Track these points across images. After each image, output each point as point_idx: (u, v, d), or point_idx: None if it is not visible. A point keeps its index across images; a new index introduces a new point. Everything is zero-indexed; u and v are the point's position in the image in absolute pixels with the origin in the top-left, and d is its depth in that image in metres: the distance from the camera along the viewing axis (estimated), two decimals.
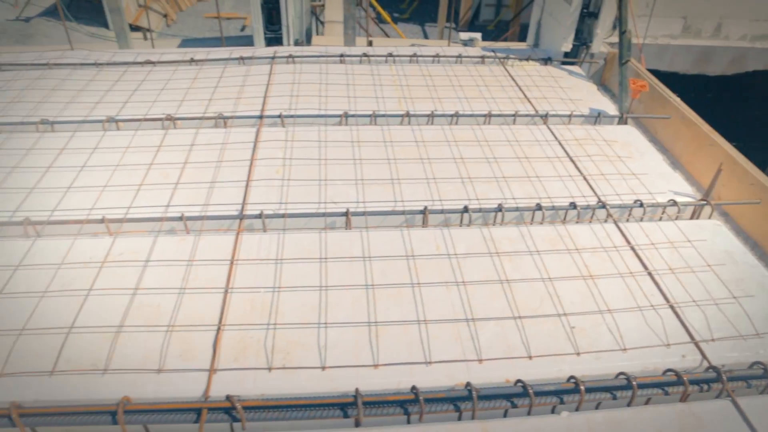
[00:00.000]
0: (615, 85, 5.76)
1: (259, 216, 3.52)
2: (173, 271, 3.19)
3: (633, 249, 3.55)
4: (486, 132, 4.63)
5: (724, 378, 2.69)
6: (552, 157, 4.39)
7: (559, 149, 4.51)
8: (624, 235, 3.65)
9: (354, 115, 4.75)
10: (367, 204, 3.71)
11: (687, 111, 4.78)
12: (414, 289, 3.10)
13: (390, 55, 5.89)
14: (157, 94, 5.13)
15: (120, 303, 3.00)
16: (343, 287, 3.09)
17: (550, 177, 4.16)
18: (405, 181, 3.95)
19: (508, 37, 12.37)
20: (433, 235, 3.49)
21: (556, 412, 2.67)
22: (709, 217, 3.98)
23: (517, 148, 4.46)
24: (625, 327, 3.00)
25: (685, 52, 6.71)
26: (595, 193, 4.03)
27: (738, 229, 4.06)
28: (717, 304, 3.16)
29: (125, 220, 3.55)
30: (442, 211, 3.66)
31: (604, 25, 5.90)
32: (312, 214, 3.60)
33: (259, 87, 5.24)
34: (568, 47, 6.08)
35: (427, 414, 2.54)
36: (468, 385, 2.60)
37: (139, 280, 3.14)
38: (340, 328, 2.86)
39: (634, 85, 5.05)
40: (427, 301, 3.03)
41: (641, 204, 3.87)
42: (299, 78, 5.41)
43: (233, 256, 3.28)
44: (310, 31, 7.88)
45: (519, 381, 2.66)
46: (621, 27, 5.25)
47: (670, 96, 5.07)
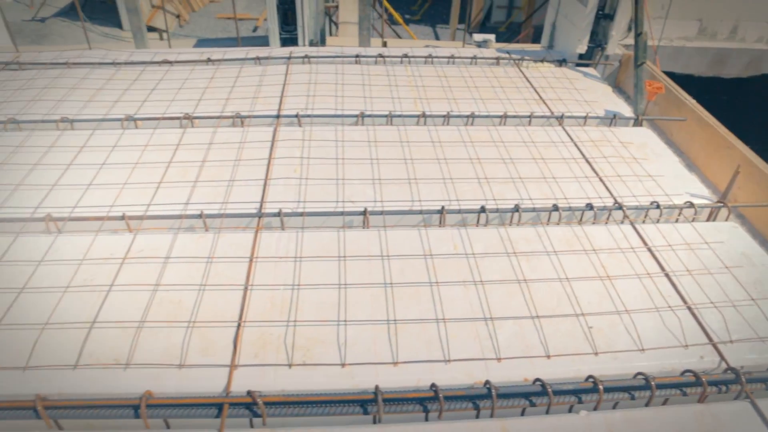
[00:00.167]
0: (630, 87, 5.75)
1: (277, 214, 3.55)
2: (193, 268, 3.22)
3: (650, 250, 3.55)
4: (502, 133, 4.65)
5: (743, 379, 2.69)
6: (568, 159, 4.40)
7: (575, 150, 4.52)
8: (641, 237, 3.65)
9: (370, 115, 4.78)
10: (384, 203, 3.73)
11: (703, 113, 4.77)
12: (432, 288, 3.12)
13: (405, 56, 5.92)
14: (174, 94, 5.18)
15: (141, 299, 3.04)
16: (361, 285, 3.11)
17: (566, 178, 4.17)
18: (422, 181, 3.97)
19: (520, 40, 12.37)
20: (451, 234, 3.51)
21: (574, 411, 2.68)
22: (725, 219, 3.97)
23: (533, 149, 4.47)
24: (642, 327, 3.00)
25: (701, 55, 6.69)
26: (612, 194, 4.03)
27: (755, 232, 4.04)
28: (735, 306, 3.16)
29: (145, 217, 3.59)
30: (459, 211, 3.68)
31: (620, 27, 5.90)
32: (330, 213, 3.63)
33: (276, 87, 5.28)
34: (583, 49, 6.08)
35: (446, 412, 2.56)
36: (487, 383, 2.62)
37: (159, 277, 3.17)
38: (359, 325, 2.88)
39: (650, 87, 5.04)
40: (446, 300, 3.05)
41: (658, 205, 3.87)
42: (315, 78, 5.44)
43: (252, 254, 3.31)
44: (323, 32, 7.91)
45: (537, 380, 2.67)
46: (637, 29, 5.24)
47: (686, 98, 5.06)
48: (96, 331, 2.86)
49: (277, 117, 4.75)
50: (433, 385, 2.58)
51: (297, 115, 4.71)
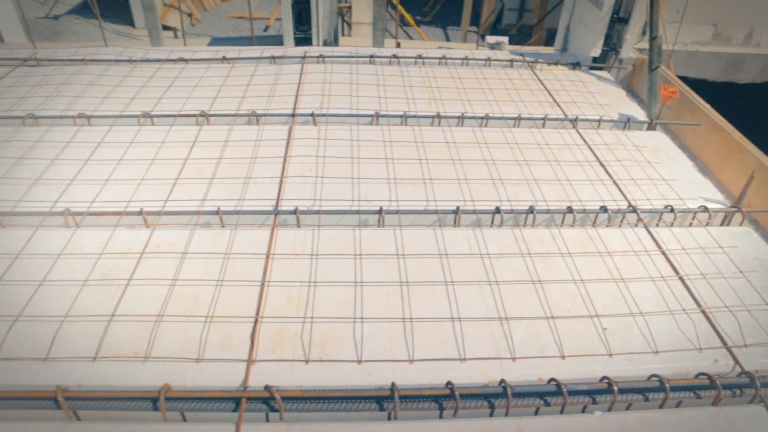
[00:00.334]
0: (643, 90, 5.76)
1: (293, 212, 3.58)
2: (211, 264, 3.25)
3: (664, 253, 3.55)
4: (516, 134, 4.66)
5: (758, 383, 2.70)
6: (582, 161, 4.41)
7: (589, 153, 4.52)
8: (655, 240, 3.65)
9: (385, 115, 4.80)
10: (399, 203, 3.75)
11: (717, 118, 4.77)
12: (448, 287, 3.14)
13: (419, 56, 5.94)
14: (190, 91, 5.22)
15: (159, 293, 3.07)
16: (377, 283, 3.13)
17: (580, 180, 4.18)
18: (437, 181, 3.99)
19: (533, 43, 12.36)
20: (465, 234, 3.53)
21: (588, 411, 2.69)
22: (740, 224, 3.97)
23: (547, 151, 4.48)
24: (656, 330, 3.01)
25: (715, 59, 6.67)
26: (626, 197, 4.04)
27: None
28: (749, 311, 3.16)
29: (163, 213, 3.63)
30: (474, 212, 3.70)
31: (634, 31, 5.90)
32: (346, 212, 3.65)
33: (291, 86, 5.31)
34: (597, 52, 6.08)
35: (462, 410, 2.57)
36: (502, 382, 2.63)
37: (177, 272, 3.20)
38: (375, 323, 2.90)
39: (664, 91, 5.05)
40: (461, 299, 3.07)
41: (672, 209, 3.87)
42: (330, 78, 5.47)
43: (269, 251, 3.33)
44: (336, 32, 7.95)
45: (552, 380, 2.68)
46: (651, 33, 5.25)
47: (700, 102, 5.06)
48: (114, 325, 2.89)
49: (293, 116, 4.78)
50: (448, 383, 2.60)
51: (312, 114, 4.74)
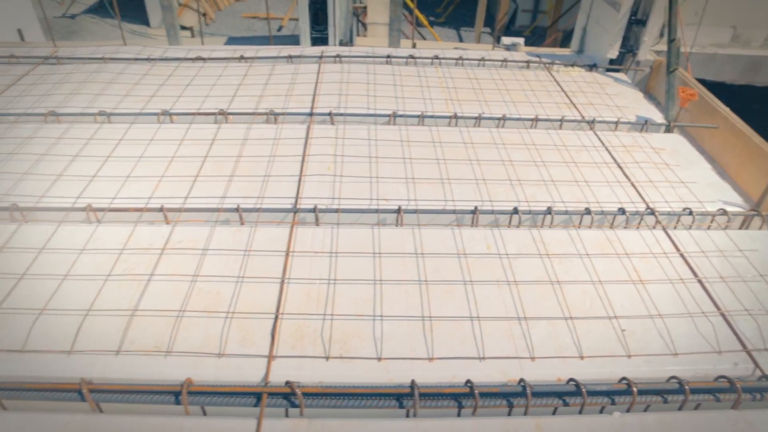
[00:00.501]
0: (661, 93, 5.74)
1: (312, 210, 3.61)
2: (231, 260, 3.29)
3: (682, 256, 3.54)
4: (533, 136, 4.66)
5: None
6: (599, 163, 4.40)
7: (607, 155, 4.52)
8: (673, 242, 3.65)
9: (403, 115, 4.82)
10: (418, 202, 3.77)
11: (736, 121, 4.75)
12: (466, 287, 3.15)
13: (436, 57, 5.95)
14: (209, 90, 5.27)
15: (180, 289, 3.11)
16: (396, 282, 3.15)
17: (598, 182, 4.17)
18: (454, 181, 4.00)
19: (547, 45, 12.34)
20: (483, 234, 3.54)
21: (606, 412, 2.69)
22: (759, 227, 3.95)
23: (564, 152, 4.48)
24: (675, 332, 3.00)
25: (734, 62, 6.63)
26: (644, 199, 4.03)
27: None
28: None
29: (183, 210, 3.67)
30: (492, 212, 3.71)
31: (652, 33, 5.88)
32: (364, 210, 3.67)
33: (308, 85, 5.35)
34: (614, 54, 6.07)
35: (480, 408, 2.59)
36: (521, 381, 2.64)
37: (198, 268, 3.24)
38: (394, 321, 2.92)
39: (683, 93, 5.03)
40: (480, 299, 3.08)
41: (690, 212, 3.86)
42: (347, 77, 5.50)
43: (288, 248, 3.36)
44: (352, 32, 7.98)
45: (571, 380, 2.69)
46: (670, 35, 5.23)
47: (719, 105, 5.03)
48: (137, 319, 2.93)
49: (310, 115, 4.81)
50: (468, 381, 2.61)
51: (330, 114, 4.76)
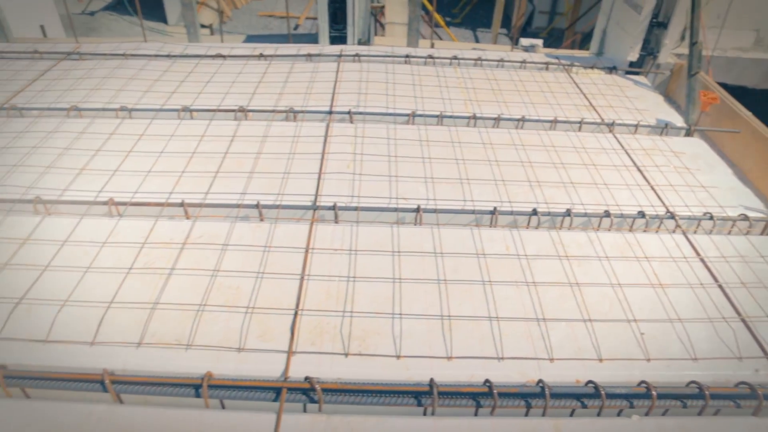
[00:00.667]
0: (681, 96, 5.69)
1: (332, 208, 3.62)
2: (251, 256, 3.31)
3: (702, 261, 3.52)
4: (552, 137, 4.65)
5: None
6: (619, 166, 4.38)
7: (626, 158, 4.50)
8: (693, 247, 3.62)
9: (422, 115, 4.83)
10: (437, 201, 3.78)
11: (759, 125, 4.70)
12: (485, 287, 3.15)
13: (455, 57, 5.95)
14: (228, 87, 5.30)
15: (201, 283, 3.14)
16: (415, 280, 3.16)
17: (617, 185, 4.16)
18: (473, 182, 4.00)
19: (565, 47, 12.29)
20: (502, 235, 3.54)
21: (625, 415, 2.69)
22: None
23: (583, 154, 4.46)
24: (695, 337, 2.98)
25: (756, 66, 6.56)
26: (663, 203, 4.01)
27: None
28: None
29: (203, 205, 3.70)
30: (511, 213, 3.70)
31: (673, 36, 5.84)
32: (384, 209, 3.68)
33: (327, 83, 5.36)
34: (634, 57, 6.03)
35: (498, 408, 2.59)
36: (540, 382, 2.64)
37: (218, 263, 3.27)
38: (413, 319, 2.93)
39: (704, 97, 4.99)
40: (498, 299, 3.08)
41: (711, 216, 3.84)
42: (366, 76, 5.51)
43: (308, 245, 3.38)
44: (369, 32, 8.00)
45: (590, 382, 2.68)
46: (692, 38, 5.19)
47: (740, 110, 4.99)
48: (158, 312, 2.96)
49: (330, 113, 4.83)
50: (487, 381, 2.61)
51: (349, 112, 4.78)
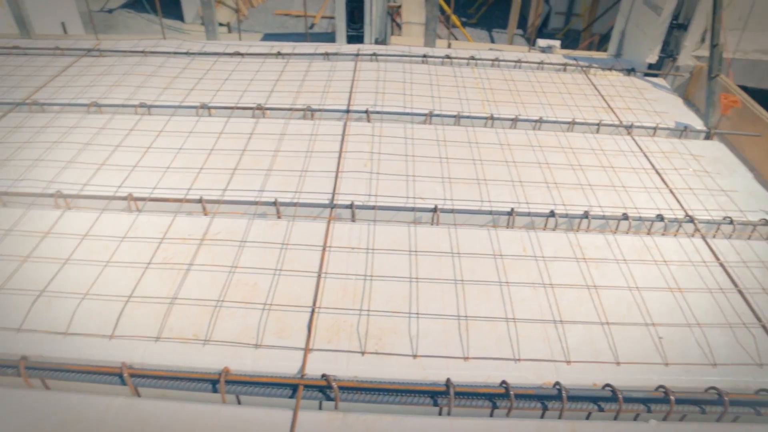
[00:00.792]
0: (700, 99, 5.64)
1: (349, 206, 3.63)
2: (268, 253, 3.33)
3: (722, 265, 3.48)
4: (570, 139, 4.63)
5: None
6: (637, 168, 4.35)
7: (645, 161, 4.46)
8: (713, 251, 3.59)
9: (439, 115, 4.83)
10: (454, 202, 3.77)
11: None
12: (502, 288, 3.14)
13: (472, 58, 5.94)
14: (246, 84, 5.33)
15: (218, 279, 3.16)
16: (432, 280, 3.16)
17: (636, 188, 4.13)
18: (491, 182, 3.99)
19: (582, 49, 12.21)
20: (520, 236, 3.52)
21: (642, 419, 2.67)
22: None
23: (601, 157, 4.44)
24: (714, 342, 2.95)
25: None
26: (682, 206, 3.97)
27: None
28: None
29: (221, 202, 3.72)
30: (528, 214, 3.69)
31: (693, 38, 5.78)
32: (401, 208, 3.68)
33: (345, 82, 5.37)
34: (653, 59, 5.98)
35: (515, 410, 2.58)
36: (557, 384, 2.63)
37: (235, 259, 3.29)
38: (430, 319, 2.93)
39: (725, 100, 4.94)
40: (515, 300, 3.07)
41: (731, 221, 3.80)
42: (384, 76, 5.51)
43: (325, 243, 3.39)
44: (386, 31, 8.00)
45: (608, 385, 2.67)
46: (713, 40, 5.14)
47: (762, 113, 4.93)
48: (176, 307, 2.98)
49: (347, 112, 4.84)
50: (503, 382, 2.61)
51: (367, 111, 4.79)
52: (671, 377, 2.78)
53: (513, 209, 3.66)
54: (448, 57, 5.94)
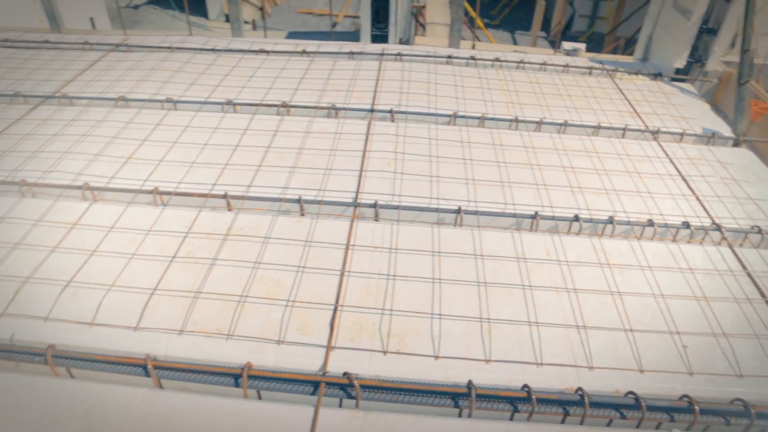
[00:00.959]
0: (728, 105, 5.56)
1: (373, 205, 3.64)
2: (292, 250, 3.34)
3: (749, 275, 3.43)
4: (595, 143, 4.59)
5: None
6: (663, 174, 4.30)
7: (671, 167, 4.41)
8: (740, 260, 3.53)
9: (463, 116, 4.81)
10: (477, 203, 3.76)
11: None
12: (525, 291, 3.12)
13: (497, 59, 5.91)
14: (272, 82, 5.36)
15: (242, 275, 3.18)
16: (455, 282, 3.15)
17: (661, 194, 4.08)
18: (515, 185, 3.97)
19: (607, 52, 12.10)
20: (543, 240, 3.50)
21: (664, 429, 2.64)
22: None
23: (627, 162, 4.39)
24: (741, 353, 2.91)
25: None
26: (709, 214, 3.92)
27: None
28: None
29: (246, 198, 3.74)
30: (552, 218, 3.67)
31: (723, 43, 5.70)
32: (424, 208, 3.68)
33: (369, 82, 5.38)
34: (681, 63, 5.91)
35: (536, 414, 2.57)
36: (579, 390, 2.61)
37: (259, 255, 3.31)
38: (452, 320, 2.92)
39: (755, 107, 4.86)
40: (538, 304, 3.05)
41: (759, 230, 3.74)
42: (408, 76, 5.51)
43: (348, 241, 3.40)
44: (410, 32, 8.00)
45: (631, 393, 2.64)
46: (744, 45, 5.06)
47: None
48: (200, 301, 3.01)
49: (371, 111, 4.85)
50: (525, 385, 2.60)
51: (391, 111, 4.79)
52: (695, 387, 2.74)
53: (537, 212, 3.64)
54: (472, 58, 5.92)
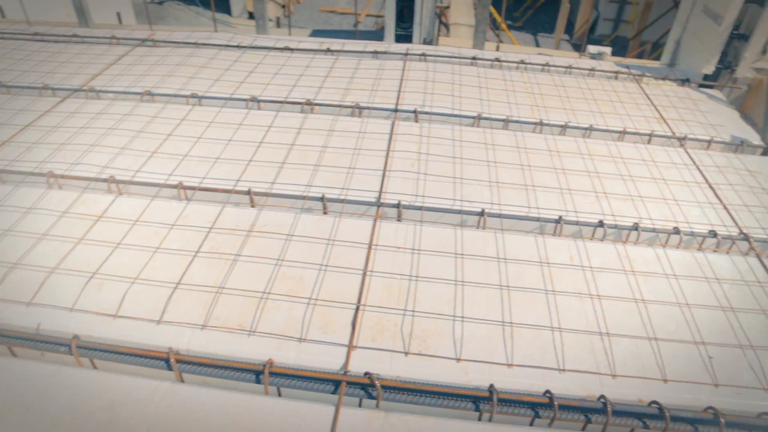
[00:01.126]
0: (758, 113, 5.46)
1: (396, 205, 3.63)
2: (314, 248, 3.35)
3: None
4: (621, 149, 4.53)
5: None
6: (690, 182, 4.24)
7: (698, 174, 4.34)
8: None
9: (487, 118, 4.79)
10: (501, 206, 3.73)
11: None
12: (548, 296, 3.10)
13: (522, 62, 5.87)
14: (296, 80, 5.37)
15: (265, 271, 3.19)
16: (477, 284, 3.13)
17: (688, 202, 4.02)
18: (539, 189, 3.94)
19: (631, 57, 11.97)
20: (567, 245, 3.47)
21: None
22: None
23: (653, 168, 4.34)
24: None
25: None
26: (736, 223, 3.86)
27: None
28: None
29: (269, 195, 3.76)
30: (576, 223, 3.63)
31: (755, 49, 5.60)
32: (447, 210, 3.66)
33: (393, 81, 5.37)
34: (710, 69, 5.82)
35: (557, 420, 2.54)
36: (602, 397, 2.58)
37: (282, 252, 3.31)
38: (474, 323, 2.91)
39: None
40: (561, 310, 3.02)
41: None
42: (432, 76, 5.50)
43: (371, 241, 3.39)
44: (434, 32, 7.97)
45: (654, 402, 2.61)
46: None
47: None
48: (223, 297, 3.02)
49: (395, 111, 4.84)
50: (547, 391, 2.57)
51: (415, 111, 4.78)
52: (721, 399, 2.70)
53: (561, 217, 3.61)
54: (497, 60, 5.88)
